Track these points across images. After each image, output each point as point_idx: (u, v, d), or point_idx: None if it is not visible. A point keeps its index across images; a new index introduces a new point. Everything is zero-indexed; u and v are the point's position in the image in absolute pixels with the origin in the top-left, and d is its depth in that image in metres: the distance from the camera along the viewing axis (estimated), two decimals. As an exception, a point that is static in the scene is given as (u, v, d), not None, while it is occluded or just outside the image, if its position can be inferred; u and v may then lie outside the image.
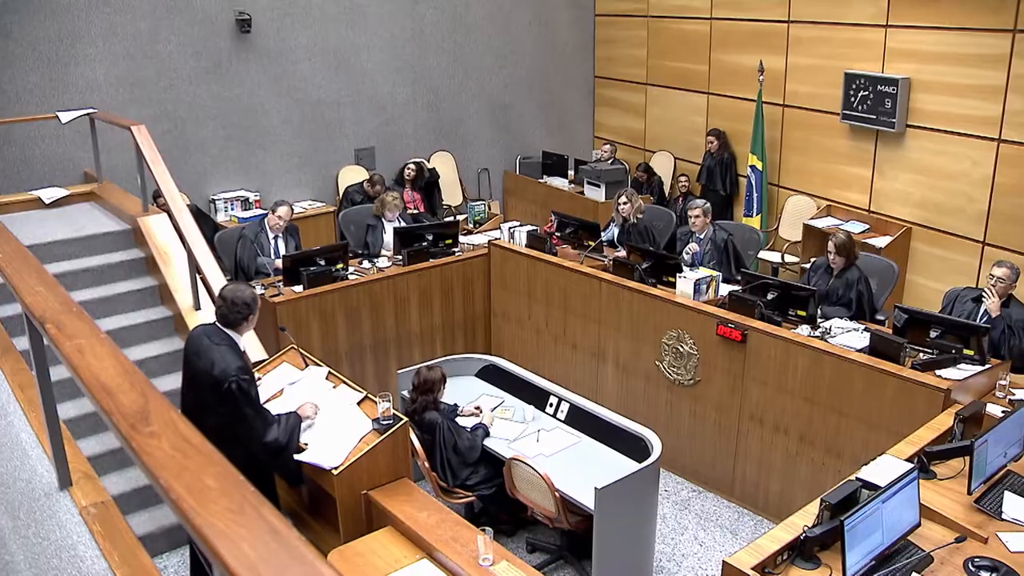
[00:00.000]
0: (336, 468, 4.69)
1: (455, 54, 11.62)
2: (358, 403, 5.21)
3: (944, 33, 8.56)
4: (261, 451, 4.76)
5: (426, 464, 5.74)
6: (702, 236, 7.88)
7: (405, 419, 4.99)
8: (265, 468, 4.92)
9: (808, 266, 7.56)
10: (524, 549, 6.11)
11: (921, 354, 5.90)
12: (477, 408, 6.27)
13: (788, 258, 10.05)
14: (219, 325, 4.85)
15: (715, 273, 7.04)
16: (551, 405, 6.35)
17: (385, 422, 4.92)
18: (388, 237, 8.37)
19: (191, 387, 4.91)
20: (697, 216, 7.87)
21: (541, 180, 11.75)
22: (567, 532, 5.65)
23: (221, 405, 4.66)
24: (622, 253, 7.80)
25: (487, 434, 5.96)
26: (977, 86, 8.33)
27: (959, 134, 8.57)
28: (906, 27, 8.91)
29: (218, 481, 1.81)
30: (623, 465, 5.60)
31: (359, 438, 4.89)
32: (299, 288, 7.21)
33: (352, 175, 10.70)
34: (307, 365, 5.61)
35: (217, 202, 10.04)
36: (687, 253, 7.79)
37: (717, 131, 10.94)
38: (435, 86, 11.55)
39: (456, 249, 8.24)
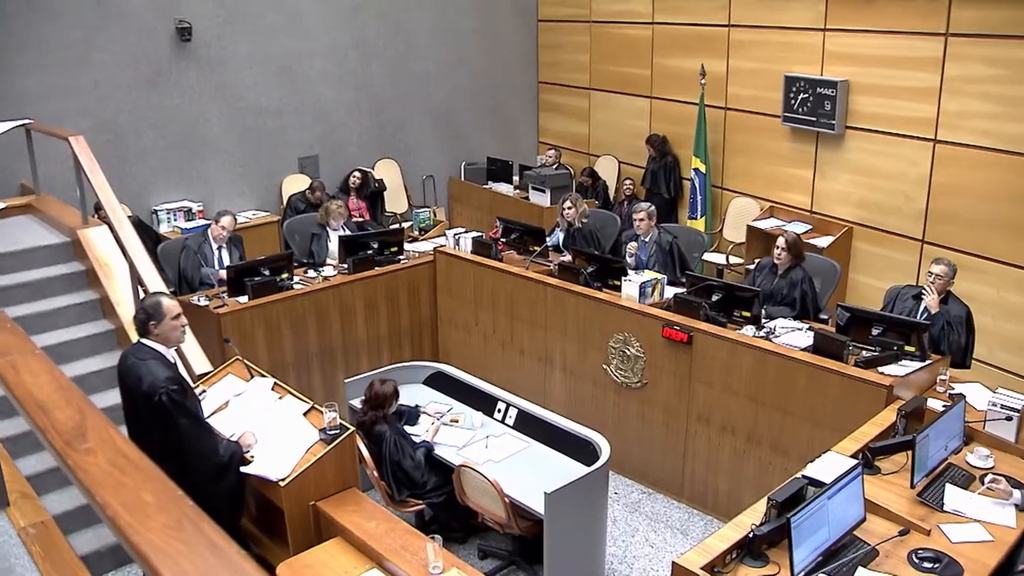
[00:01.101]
0: (283, 480, 4.65)
1: (398, 61, 11.58)
2: (304, 414, 5.17)
3: (880, 36, 8.70)
4: (200, 464, 4.69)
5: (375, 473, 5.71)
6: (647, 239, 7.91)
7: (352, 429, 4.96)
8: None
9: (752, 267, 7.63)
10: (476, 555, 6.09)
11: (864, 352, 5.98)
12: (437, 413, 6.27)
13: (733, 259, 10.14)
14: (142, 341, 4.79)
15: (660, 276, 7.07)
16: (499, 411, 6.34)
17: (332, 432, 4.89)
18: (333, 246, 8.32)
19: (130, 407, 4.83)
20: (642, 220, 7.90)
21: (486, 186, 11.73)
22: (518, 537, 5.64)
23: (156, 420, 4.60)
24: (568, 258, 7.82)
25: (430, 451, 5.93)
26: (913, 88, 8.47)
27: (897, 135, 8.71)
28: (844, 31, 9.04)
29: (156, 497, 1.79)
30: (572, 469, 5.61)
31: (306, 449, 4.85)
32: (244, 299, 7.13)
33: (296, 184, 10.61)
34: (252, 376, 5.55)
35: (159, 213, 9.90)
36: (629, 254, 7.82)
37: (654, 137, 11.04)
38: (378, 93, 11.50)
39: (402, 257, 8.21)
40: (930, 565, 4.14)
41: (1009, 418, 5.17)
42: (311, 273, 7.83)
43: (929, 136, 8.42)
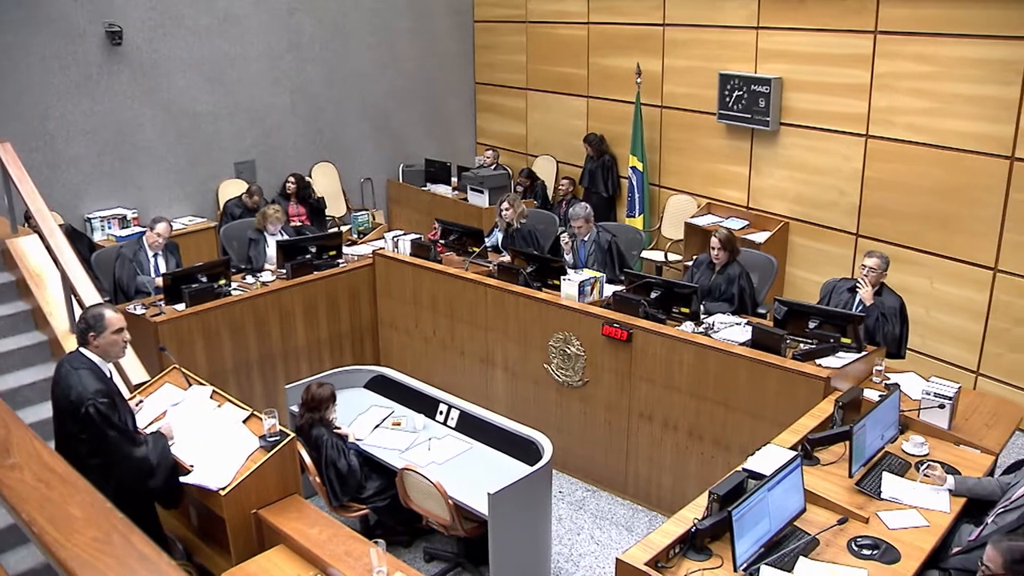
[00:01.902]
0: (224, 488, 4.57)
1: (334, 63, 11.50)
2: (244, 421, 5.10)
3: (812, 34, 8.81)
4: (131, 475, 4.61)
5: (317, 479, 5.67)
6: (586, 239, 7.95)
7: (292, 435, 4.90)
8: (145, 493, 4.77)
9: (691, 263, 7.68)
10: (422, 559, 6.06)
11: (801, 345, 6.05)
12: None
13: (671, 256, 10.21)
14: (80, 350, 4.70)
15: (599, 274, 7.09)
16: (441, 413, 6.33)
17: (272, 439, 4.83)
18: (271, 251, 8.25)
19: (58, 417, 4.72)
20: (580, 226, 7.96)
21: (425, 188, 11.70)
22: (463, 539, 5.63)
23: (84, 432, 4.50)
24: (507, 258, 7.81)
25: (359, 453, 5.90)
26: (845, 85, 8.59)
27: (830, 131, 8.82)
28: (776, 29, 9.15)
29: (84, 511, 1.75)
30: (515, 469, 5.61)
31: (246, 456, 4.78)
32: (181, 306, 7.04)
33: (232, 189, 10.49)
34: (190, 385, 5.47)
35: (93, 221, 9.71)
36: (564, 243, 7.86)
37: (592, 136, 11.08)
38: (315, 96, 11.41)
39: (340, 260, 8.16)
40: (869, 552, 4.23)
41: (942, 406, 5.28)
42: (249, 279, 7.76)
43: (861, 132, 8.54)
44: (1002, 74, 7.39)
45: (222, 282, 7.40)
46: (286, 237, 8.44)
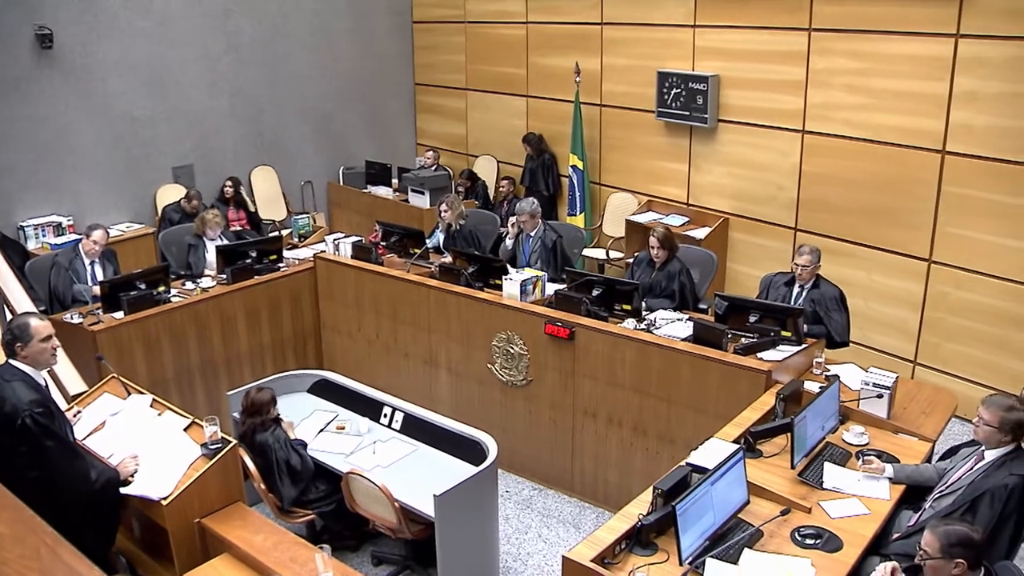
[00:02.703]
0: (165, 498, 4.51)
1: (273, 65, 11.39)
2: (185, 429, 5.04)
3: (748, 32, 8.90)
4: (70, 488, 4.50)
5: (262, 486, 5.61)
6: (532, 234, 7.99)
7: (234, 442, 4.85)
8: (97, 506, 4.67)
9: (632, 261, 7.72)
10: (370, 563, 6.02)
11: (742, 339, 6.11)
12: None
13: (613, 254, 10.24)
14: (10, 361, 4.60)
15: (540, 273, 7.11)
16: (386, 416, 6.29)
17: (213, 446, 4.78)
18: (211, 256, 8.15)
19: None
20: (525, 221, 8.00)
21: (365, 190, 11.63)
22: (411, 542, 5.59)
23: (22, 444, 4.41)
24: (448, 259, 7.79)
25: (305, 446, 5.85)
26: (781, 81, 8.69)
27: (767, 127, 8.92)
28: (713, 27, 9.23)
29: (10, 527, 1.70)
30: (461, 470, 5.58)
31: (188, 465, 4.73)
32: (120, 314, 6.92)
33: (171, 194, 10.35)
34: (130, 394, 5.39)
35: (27, 229, 9.53)
36: (507, 239, 7.89)
37: (531, 136, 11.11)
38: (254, 99, 11.30)
39: (281, 264, 8.10)
40: (812, 541, 4.28)
41: (880, 396, 5.36)
42: (189, 285, 7.65)
43: (798, 127, 8.64)
44: (932, 70, 7.53)
45: (161, 289, 7.29)
46: (226, 242, 8.34)
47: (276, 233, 9.58)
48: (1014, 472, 4.34)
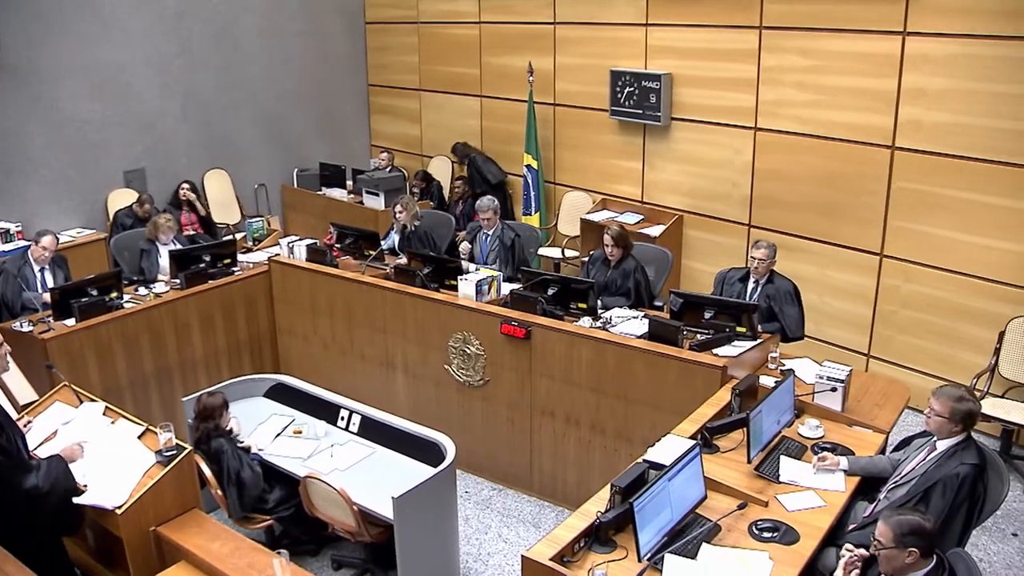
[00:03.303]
0: (120, 507, 4.45)
1: (225, 68, 11.29)
2: (139, 437, 4.98)
3: (700, 30, 8.96)
4: (22, 503, 4.40)
5: (219, 492, 5.55)
6: (490, 233, 8.02)
7: (189, 448, 4.80)
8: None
9: (587, 259, 7.74)
10: (330, 567, 5.98)
11: (698, 335, 6.14)
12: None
13: (568, 253, 10.27)
14: None
15: (496, 273, 7.11)
16: (343, 419, 6.24)
17: (168, 453, 4.73)
18: (164, 261, 8.06)
19: None
20: (488, 218, 8.05)
21: (320, 192, 11.57)
22: (371, 544, 5.56)
23: None
24: (403, 260, 7.77)
25: (262, 462, 5.80)
26: (733, 79, 8.75)
27: (720, 124, 8.98)
28: (665, 25, 9.27)
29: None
30: (419, 472, 5.56)
31: (142, 473, 4.68)
32: (71, 321, 6.83)
33: (122, 199, 10.19)
34: (81, 402, 5.32)
35: (-28, 237, 9.40)
36: (462, 253, 7.86)
37: (456, 147, 11.28)
38: (206, 102, 11.18)
39: (236, 268, 8.03)
40: (769, 534, 4.31)
41: (834, 389, 5.41)
42: (142, 290, 7.56)
43: (750, 125, 8.71)
44: (881, 67, 7.63)
45: (114, 295, 7.21)
46: (179, 246, 8.25)
47: (230, 237, 9.50)
48: (965, 461, 4.40)
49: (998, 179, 7.10)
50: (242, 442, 5.83)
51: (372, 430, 6.09)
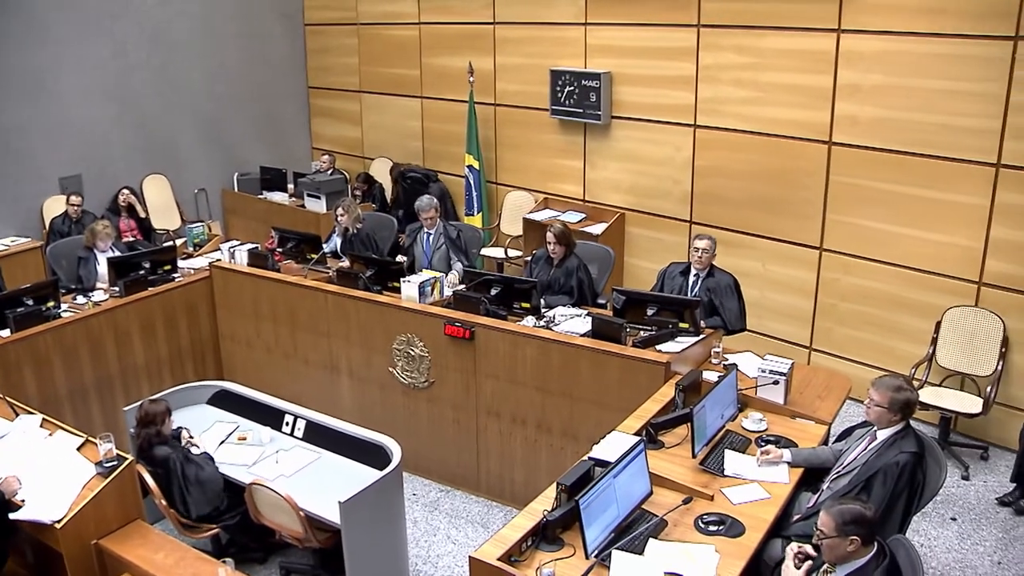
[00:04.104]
0: (59, 521, 4.38)
1: (161, 71, 11.13)
2: (78, 448, 4.91)
3: (639, 29, 9.01)
4: None
5: (163, 502, 5.46)
6: (432, 232, 8.03)
7: (130, 458, 4.74)
8: None
9: (530, 259, 7.76)
10: (278, 574, 5.93)
11: (641, 332, 6.18)
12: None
13: (512, 252, 10.28)
14: None
15: (439, 274, 7.12)
16: (287, 424, 6.18)
17: (108, 464, 4.67)
18: (102, 268, 7.93)
19: None
20: (431, 216, 8.04)
21: (261, 196, 11.46)
22: (319, 550, 5.51)
23: None
24: (346, 263, 7.73)
25: (211, 458, 5.73)
26: (672, 77, 8.82)
27: (660, 122, 9.04)
28: (604, 24, 9.32)
29: None
30: (365, 475, 5.52)
31: (82, 485, 4.62)
32: (6, 332, 6.68)
33: (58, 206, 10.00)
34: (17, 415, 5.23)
35: (-100, 248, 9.18)
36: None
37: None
38: (143, 106, 11.02)
39: (176, 275, 7.91)
40: (715, 527, 4.35)
41: (776, 382, 5.47)
42: (80, 299, 7.43)
43: (689, 122, 8.78)
44: (815, 64, 7.74)
45: (51, 304, 7.07)
46: (117, 253, 8.13)
47: (170, 243, 9.38)
48: (904, 450, 4.48)
49: (933, 173, 7.23)
50: (197, 446, 5.76)
51: (317, 435, 6.04)
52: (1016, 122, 6.76)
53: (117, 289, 7.48)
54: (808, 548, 3.95)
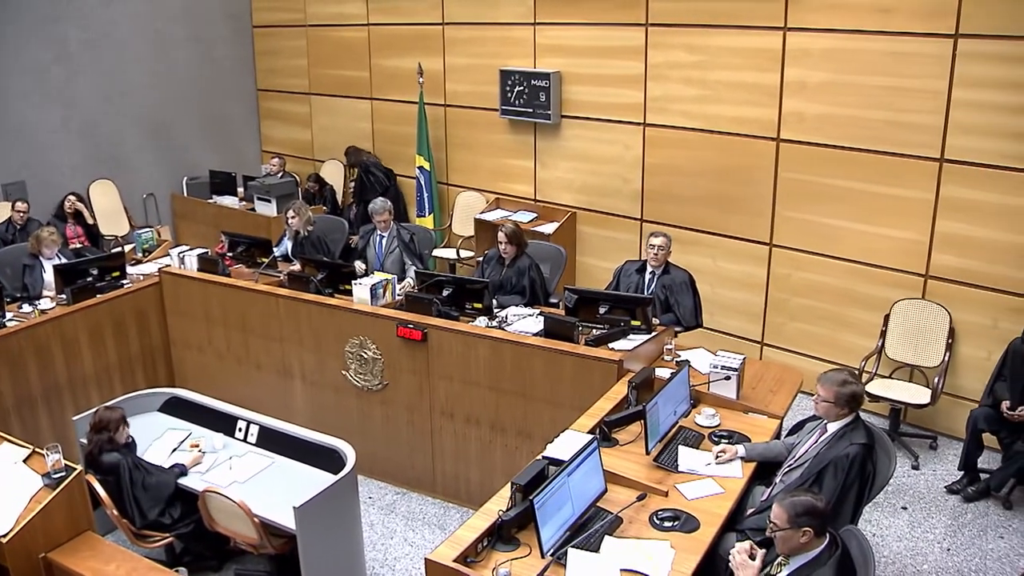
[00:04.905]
0: (5, 535, 4.32)
1: (107, 75, 10.97)
2: (24, 460, 4.83)
3: (587, 28, 9.05)
4: None
5: (114, 512, 5.38)
6: (385, 235, 8.04)
7: (79, 469, 4.67)
8: None
9: (481, 259, 7.76)
10: (235, 582, 5.89)
11: (593, 330, 6.20)
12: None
13: (464, 253, 10.28)
14: None
15: (391, 276, 7.10)
16: (240, 430, 6.12)
17: (56, 476, 4.60)
18: (48, 276, 7.81)
19: None
20: (384, 219, 8.04)
21: (211, 200, 11.36)
22: (275, 556, 5.47)
23: None
24: (297, 267, 7.68)
25: (184, 472, 5.66)
26: (621, 76, 8.86)
27: (609, 121, 9.08)
28: (553, 24, 9.34)
29: None
30: (320, 479, 5.47)
31: (29, 497, 4.55)
32: (-52, 342, 6.58)
33: (3, 213, 9.83)
34: (-40, 427, 5.14)
35: None
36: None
37: (348, 150, 11.23)
38: (88, 110, 10.86)
39: (125, 281, 7.81)
40: (670, 523, 4.37)
41: (728, 377, 5.50)
42: (26, 308, 7.31)
43: (639, 120, 8.82)
44: (762, 62, 7.82)
45: (-6, 313, 6.96)
46: (64, 260, 8.01)
47: (118, 249, 9.25)
48: (854, 442, 4.55)
49: (880, 168, 7.33)
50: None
51: (271, 440, 5.99)
52: (958, 118, 6.88)
53: (64, 297, 7.37)
54: (761, 551, 3.97)
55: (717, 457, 4.93)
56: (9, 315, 7.11)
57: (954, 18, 6.73)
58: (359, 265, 7.85)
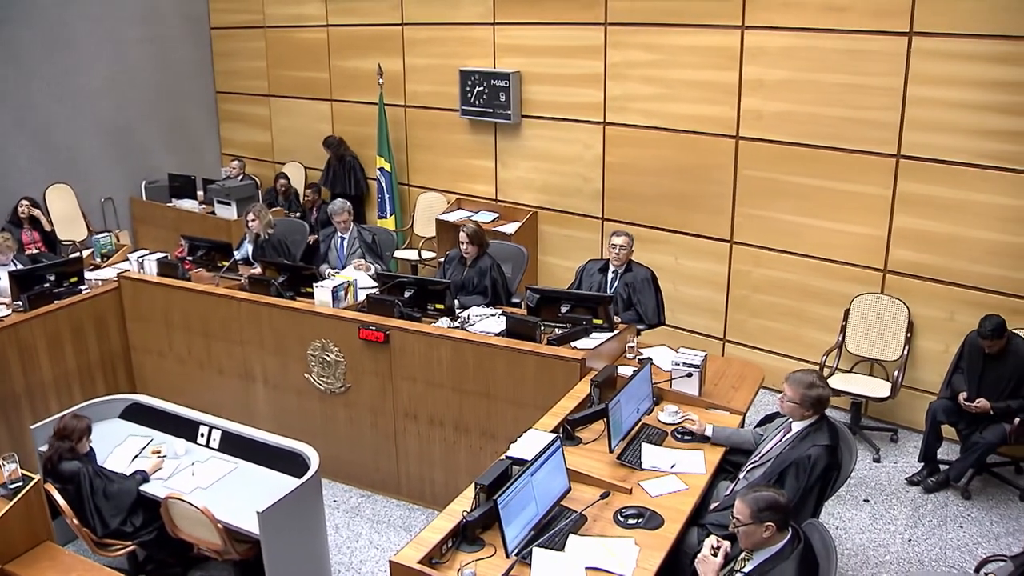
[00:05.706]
0: (-40, 547, 4.26)
1: (61, 77, 10.81)
2: (-20, 471, 4.77)
3: (547, 28, 9.07)
4: None
5: (75, 521, 5.32)
6: (346, 236, 8.04)
7: (36, 478, 4.61)
8: None
9: (443, 260, 7.75)
10: (197, 588, 5.84)
11: (555, 330, 6.21)
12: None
13: (425, 254, 10.27)
14: None
15: (351, 278, 7.06)
16: (202, 435, 6.07)
17: (13, 486, 4.55)
18: (3, 282, 7.70)
19: None
20: (344, 220, 8.04)
21: (170, 204, 11.24)
22: (239, 562, 5.42)
23: None
24: (258, 270, 7.64)
25: (146, 479, 5.61)
26: (580, 75, 8.89)
27: (569, 120, 9.10)
28: (512, 24, 9.35)
29: None
30: (283, 484, 5.45)
31: (-16, 508, 4.49)
32: (-100, 353, 6.48)
33: (-46, 220, 9.76)
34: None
35: None
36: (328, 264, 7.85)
37: (330, 139, 11.07)
38: (42, 114, 10.70)
39: (83, 287, 7.71)
40: (634, 520, 4.38)
41: (690, 374, 5.54)
42: (-20, 315, 7.22)
43: (599, 119, 8.86)
44: (721, 60, 7.87)
45: (-52, 321, 6.86)
46: (20, 266, 7.91)
47: (76, 254, 9.15)
48: (816, 443, 4.59)
49: (837, 165, 7.41)
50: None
51: (233, 445, 5.94)
52: (913, 114, 6.97)
53: (20, 303, 7.26)
54: (725, 543, 4.00)
55: (683, 419, 4.97)
56: (-37, 323, 7.01)
57: (907, 16, 6.82)
58: (327, 270, 7.83)
